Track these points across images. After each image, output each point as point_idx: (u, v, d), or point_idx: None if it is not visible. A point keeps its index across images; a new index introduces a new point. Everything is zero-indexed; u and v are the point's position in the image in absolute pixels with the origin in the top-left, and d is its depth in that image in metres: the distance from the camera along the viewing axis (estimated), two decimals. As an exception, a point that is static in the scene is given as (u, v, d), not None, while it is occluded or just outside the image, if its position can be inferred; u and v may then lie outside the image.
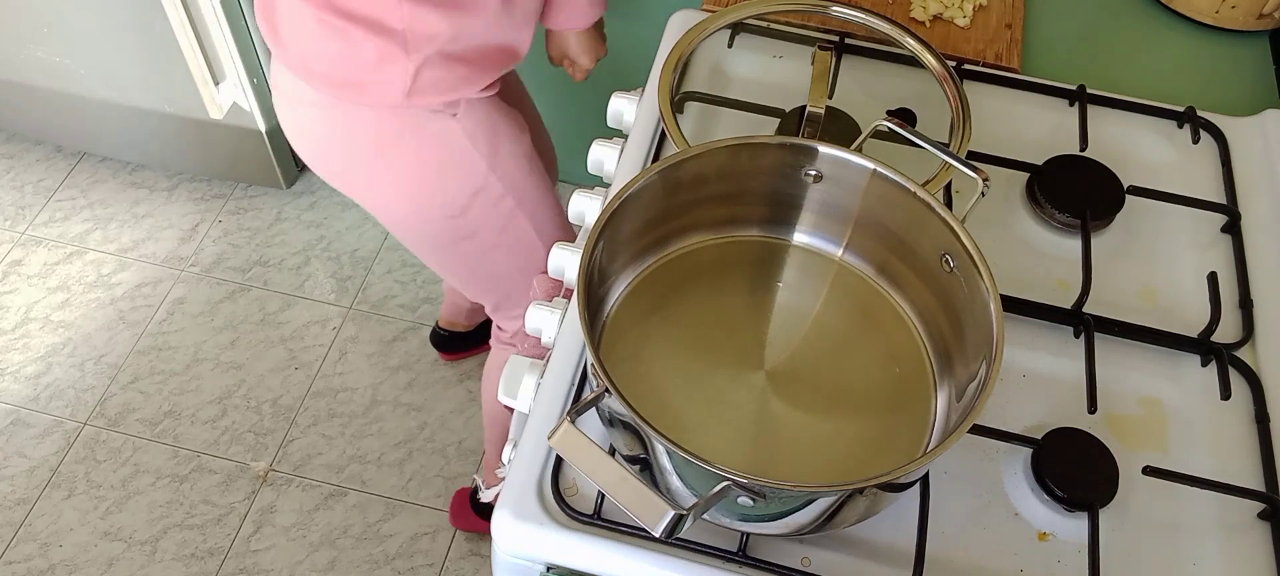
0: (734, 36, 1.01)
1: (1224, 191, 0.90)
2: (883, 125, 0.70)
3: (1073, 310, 0.80)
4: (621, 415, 0.60)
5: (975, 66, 0.99)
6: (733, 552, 0.68)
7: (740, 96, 0.94)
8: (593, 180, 0.95)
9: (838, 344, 0.73)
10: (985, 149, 0.91)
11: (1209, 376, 0.79)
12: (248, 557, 1.60)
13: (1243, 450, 0.75)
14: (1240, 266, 0.84)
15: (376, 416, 1.75)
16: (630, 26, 1.60)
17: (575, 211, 0.89)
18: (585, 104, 1.76)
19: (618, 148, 0.91)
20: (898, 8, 1.05)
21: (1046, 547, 0.70)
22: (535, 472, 0.71)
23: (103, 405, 1.76)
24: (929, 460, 0.59)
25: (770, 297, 0.76)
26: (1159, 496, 0.72)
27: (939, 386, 0.71)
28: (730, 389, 0.70)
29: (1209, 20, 1.05)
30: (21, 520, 1.63)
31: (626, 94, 0.95)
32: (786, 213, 0.77)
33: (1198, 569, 0.70)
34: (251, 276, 1.93)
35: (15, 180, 2.07)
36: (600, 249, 0.66)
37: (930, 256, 0.70)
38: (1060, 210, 0.86)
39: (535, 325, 0.83)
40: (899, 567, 0.68)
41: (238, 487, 1.67)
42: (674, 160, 0.69)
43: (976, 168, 0.67)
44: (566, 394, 0.76)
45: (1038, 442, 0.72)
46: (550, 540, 0.69)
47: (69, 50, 1.79)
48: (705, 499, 0.55)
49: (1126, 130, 0.94)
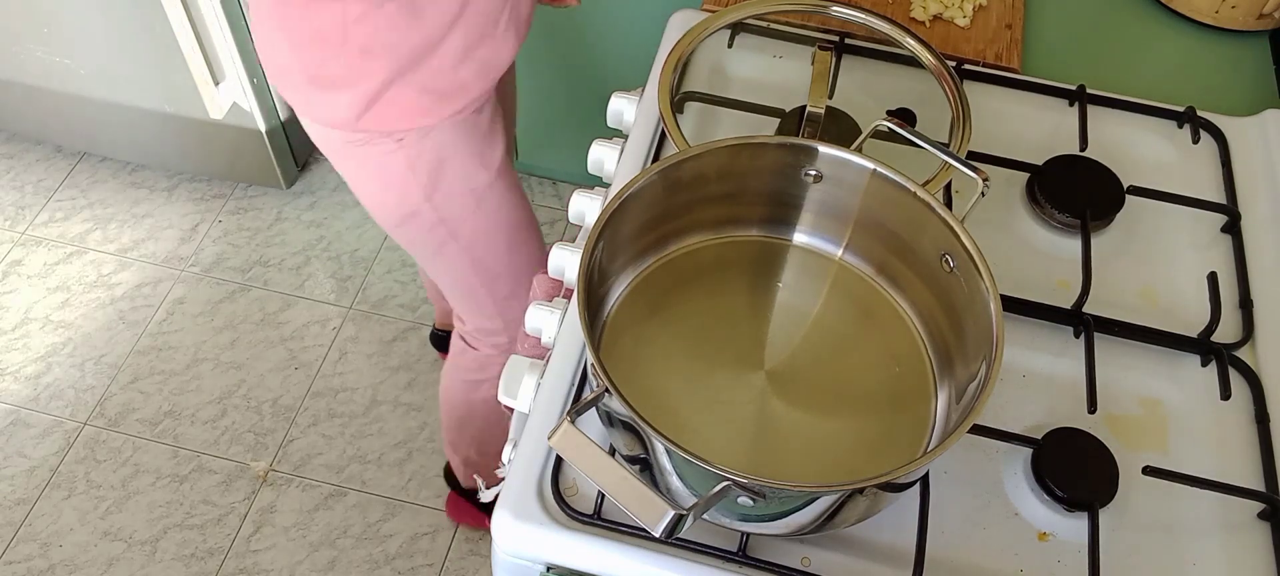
0: (734, 36, 1.01)
1: (1224, 191, 0.90)
2: (883, 125, 0.70)
3: (1073, 310, 0.80)
4: (621, 415, 0.60)
5: (975, 66, 0.99)
6: (733, 552, 0.68)
7: (740, 96, 0.94)
8: (593, 180, 0.95)
9: (838, 344, 0.73)
10: (985, 149, 0.91)
11: (1209, 376, 0.79)
12: (248, 557, 1.60)
13: (1243, 450, 0.75)
14: (1240, 266, 0.84)
15: (376, 416, 1.75)
16: (630, 26, 1.60)
17: (575, 211, 0.89)
18: (585, 103, 1.76)
19: (618, 148, 0.91)
20: (898, 8, 1.05)
21: (1046, 547, 0.70)
22: (535, 472, 0.71)
23: (103, 405, 1.76)
24: (929, 460, 0.59)
25: (770, 298, 0.76)
26: (1159, 496, 0.72)
27: (939, 386, 0.71)
28: (730, 389, 0.70)
29: (1209, 20, 1.05)
30: (21, 520, 1.63)
31: (626, 94, 0.95)
32: (786, 212, 0.77)
33: (1198, 569, 0.70)
34: (251, 276, 1.93)
35: (15, 180, 2.07)
36: (600, 249, 0.66)
37: (930, 256, 0.70)
38: (1060, 210, 0.86)
39: (535, 325, 0.83)
40: (899, 567, 0.68)
41: (238, 487, 1.67)
42: (674, 160, 0.69)
43: (976, 168, 0.67)
44: (566, 394, 0.76)
45: (1038, 442, 0.72)
46: (550, 540, 0.69)
47: (69, 50, 1.79)
48: (705, 499, 0.55)
49: (1126, 130, 0.94)
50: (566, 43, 1.67)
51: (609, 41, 1.64)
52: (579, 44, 1.66)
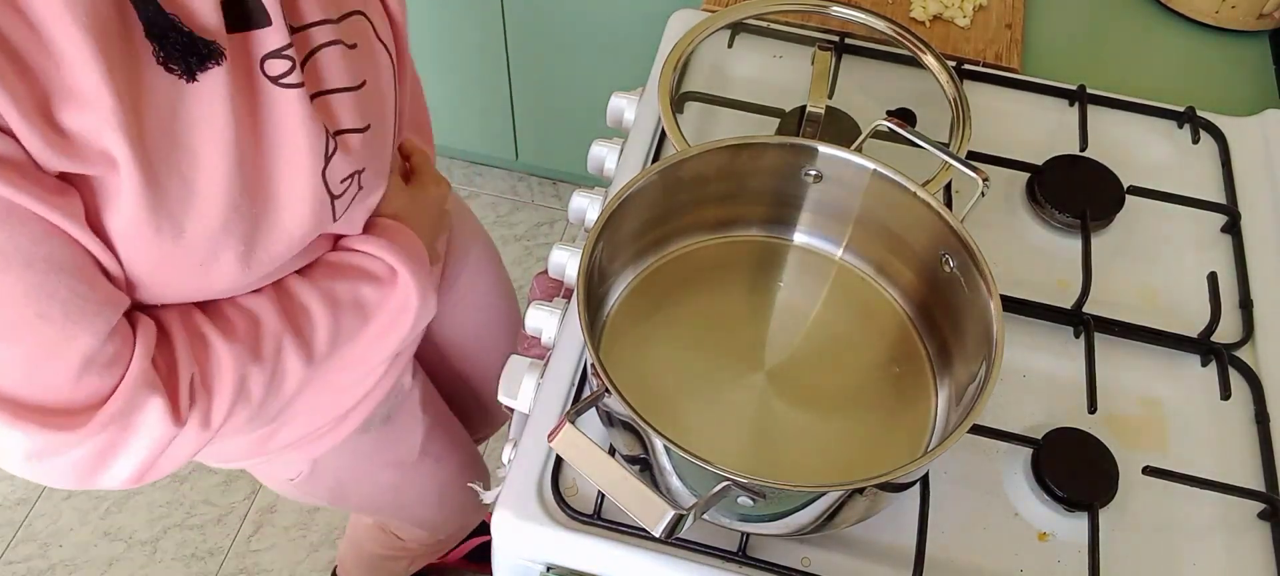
0: (734, 36, 1.01)
1: (1224, 191, 0.90)
2: (883, 125, 0.70)
3: (1073, 310, 0.80)
4: (621, 415, 0.60)
5: (975, 66, 0.99)
6: (733, 552, 0.68)
7: (740, 96, 0.94)
8: (593, 180, 0.95)
9: (838, 344, 0.73)
10: (985, 149, 0.91)
11: (1209, 376, 0.79)
12: (248, 557, 1.60)
13: (1243, 450, 0.75)
14: (1240, 266, 0.84)
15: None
16: (630, 26, 1.60)
17: (575, 211, 0.89)
18: (585, 103, 1.76)
19: (618, 148, 0.91)
20: (898, 8, 1.05)
21: (1046, 547, 0.70)
22: (535, 472, 0.71)
23: (103, 405, 1.76)
24: (929, 460, 0.59)
25: (770, 298, 0.76)
26: (1159, 496, 0.72)
27: (939, 386, 0.71)
28: (730, 389, 0.70)
29: (1209, 20, 1.05)
30: (21, 520, 1.63)
31: (626, 94, 0.95)
32: (786, 213, 0.77)
33: (1198, 569, 0.70)
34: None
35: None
36: (600, 249, 0.66)
37: (930, 256, 0.70)
38: (1060, 210, 0.86)
39: (535, 325, 0.82)
40: (899, 567, 0.68)
41: (238, 487, 1.67)
42: (674, 160, 0.69)
43: (976, 168, 0.67)
44: (566, 394, 0.76)
45: (1038, 442, 0.72)
46: (550, 540, 0.69)
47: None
48: (705, 499, 0.55)
49: (1126, 130, 0.94)
50: (566, 43, 1.67)
51: (609, 41, 1.64)
52: (579, 44, 1.66)
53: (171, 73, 0.51)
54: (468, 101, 1.85)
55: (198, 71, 0.51)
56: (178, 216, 0.54)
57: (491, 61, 1.74)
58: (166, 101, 0.52)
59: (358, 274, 0.71)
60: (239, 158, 0.55)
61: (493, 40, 1.70)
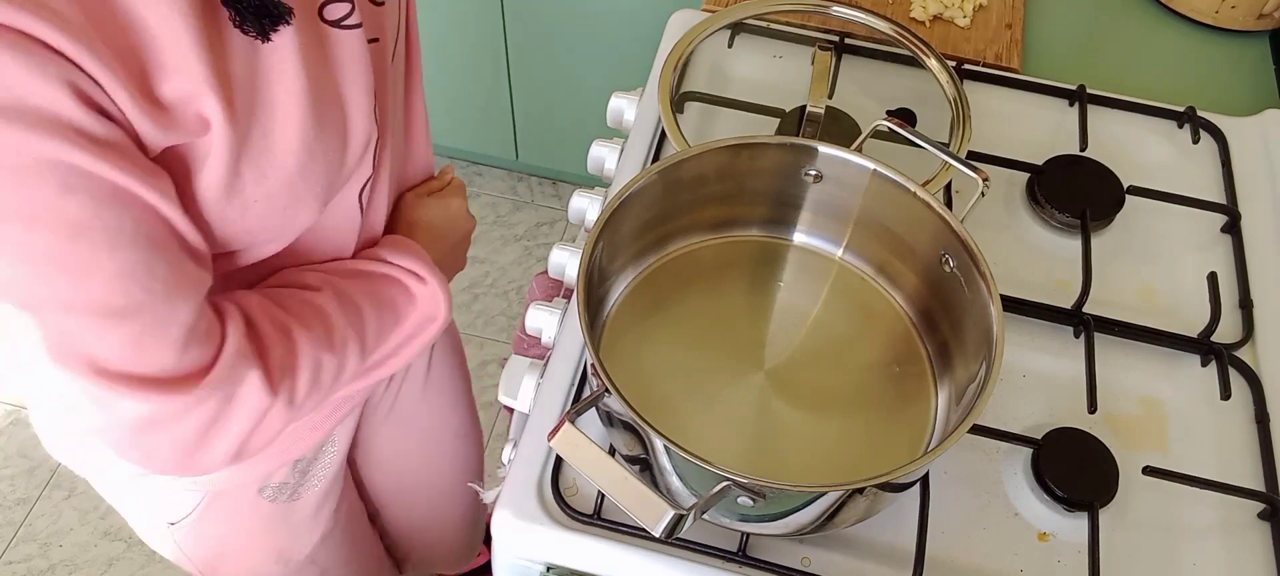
0: (734, 36, 1.01)
1: (1224, 191, 0.90)
2: (883, 125, 0.70)
3: (1073, 310, 0.80)
4: (621, 415, 0.60)
5: (975, 66, 0.99)
6: (733, 552, 0.68)
7: (740, 96, 0.94)
8: (593, 180, 0.95)
9: (838, 344, 0.73)
10: (985, 149, 0.91)
11: (1209, 376, 0.79)
12: (248, 557, 1.60)
13: (1243, 450, 0.75)
14: (1240, 266, 0.84)
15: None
16: (630, 26, 1.60)
17: (575, 211, 0.89)
18: (585, 103, 1.76)
19: (618, 148, 0.91)
20: (898, 8, 1.05)
21: (1046, 547, 0.70)
22: (535, 472, 0.71)
23: (103, 405, 1.75)
24: (929, 460, 0.59)
25: (770, 298, 0.76)
26: (1159, 496, 0.72)
27: (939, 386, 0.71)
28: (730, 389, 0.70)
29: (1209, 20, 1.05)
30: (21, 520, 1.63)
31: (626, 94, 0.95)
32: (786, 213, 0.77)
33: (1198, 569, 0.70)
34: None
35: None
36: (600, 249, 0.66)
37: (930, 256, 0.70)
38: (1060, 210, 0.86)
39: (535, 325, 0.82)
40: (899, 567, 0.68)
41: (238, 487, 1.67)
42: (674, 160, 0.69)
43: (976, 168, 0.67)
44: (566, 394, 0.76)
45: (1038, 442, 0.72)
46: (550, 540, 0.69)
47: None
48: (705, 499, 0.55)
49: (1126, 130, 0.94)
50: (566, 43, 1.67)
51: (609, 41, 1.64)
52: (579, 44, 1.66)
53: (247, 35, 0.54)
54: (468, 101, 1.85)
55: (271, 32, 0.54)
56: (262, 165, 0.57)
57: (491, 61, 1.74)
58: (245, 61, 0.55)
59: (387, 281, 0.73)
60: (312, 103, 0.58)
61: (493, 40, 1.70)
